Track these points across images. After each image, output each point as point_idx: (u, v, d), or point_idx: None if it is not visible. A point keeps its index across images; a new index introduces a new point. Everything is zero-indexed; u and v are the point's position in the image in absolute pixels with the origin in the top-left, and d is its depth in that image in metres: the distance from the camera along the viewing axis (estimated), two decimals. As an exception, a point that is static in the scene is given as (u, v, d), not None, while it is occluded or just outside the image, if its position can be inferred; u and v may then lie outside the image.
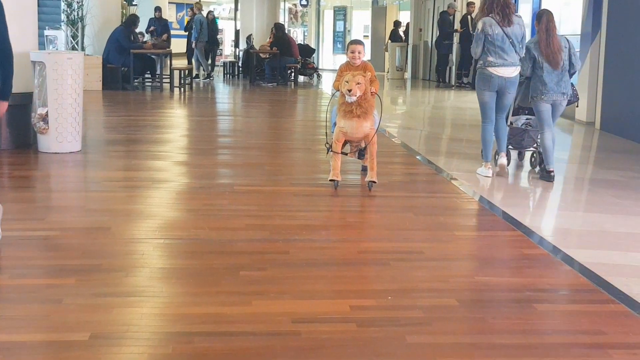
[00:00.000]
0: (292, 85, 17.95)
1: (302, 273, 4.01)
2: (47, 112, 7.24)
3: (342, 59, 27.93)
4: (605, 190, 6.54)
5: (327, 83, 20.01)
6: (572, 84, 7.04)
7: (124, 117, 10.96)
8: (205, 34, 17.55)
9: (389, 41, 22.29)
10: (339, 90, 5.89)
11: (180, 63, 17.37)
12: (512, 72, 6.75)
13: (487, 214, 5.49)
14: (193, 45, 17.43)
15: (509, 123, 7.17)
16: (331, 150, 5.96)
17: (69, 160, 7.10)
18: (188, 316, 3.33)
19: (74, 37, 14.72)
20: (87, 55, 13.97)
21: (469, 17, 16.83)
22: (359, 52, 6.17)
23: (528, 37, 7.24)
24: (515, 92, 6.91)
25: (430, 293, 3.78)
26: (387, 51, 22.63)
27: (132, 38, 14.82)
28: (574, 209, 6.15)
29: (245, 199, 5.75)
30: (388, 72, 22.27)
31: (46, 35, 14.61)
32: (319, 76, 19.90)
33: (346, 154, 6.22)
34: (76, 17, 14.74)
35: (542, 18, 6.83)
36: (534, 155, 7.33)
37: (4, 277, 3.76)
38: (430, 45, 20.41)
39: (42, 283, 3.70)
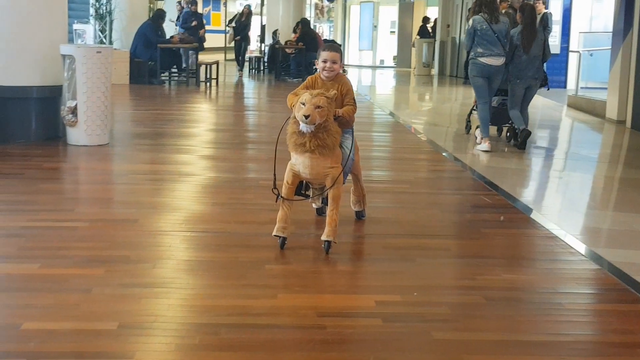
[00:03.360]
0: (318, 81, 17.90)
1: (327, 268, 4.01)
2: (76, 105, 7.30)
3: (368, 55, 28.17)
4: (635, 190, 6.47)
5: (352, 79, 19.98)
6: (544, 70, 8.38)
7: (150, 111, 11.02)
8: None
9: (418, 37, 22.21)
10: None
11: (210, 57, 17.39)
12: (498, 61, 8.00)
13: (515, 212, 5.45)
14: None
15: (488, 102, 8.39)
16: (281, 197, 4.30)
17: (97, 152, 7.16)
18: (214, 308, 3.34)
19: (102, 31, 14.84)
20: (115, 49, 14.05)
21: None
22: (333, 63, 4.36)
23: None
24: (500, 79, 8.13)
25: (457, 290, 3.76)
26: (414, 47, 22.57)
27: (159, 32, 14.90)
28: (604, 208, 6.09)
29: (270, 193, 5.74)
30: (415, 68, 22.20)
31: (75, 29, 14.73)
32: (344, 71, 19.79)
33: (307, 197, 4.68)
34: (104, 11, 14.86)
35: (526, 11, 8.14)
36: (509, 130, 8.47)
37: (35, 266, 3.80)
38: (458, 41, 20.30)
39: (71, 273, 3.73)
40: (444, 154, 7.99)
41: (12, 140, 7.28)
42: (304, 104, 4.00)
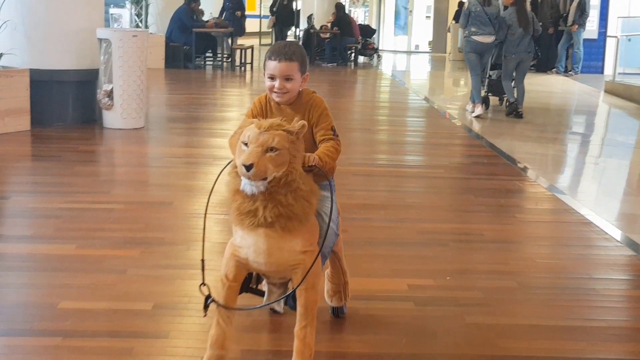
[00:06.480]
0: (352, 65, 17.89)
1: (360, 252, 4.00)
2: (112, 88, 7.38)
3: (404, 40, 27.96)
4: (672, 176, 6.37)
5: (387, 64, 19.89)
6: (535, 46, 9.64)
7: (185, 95, 11.09)
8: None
9: (453, 22, 22.00)
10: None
11: (245, 42, 17.41)
12: (488, 39, 9.29)
13: (550, 198, 5.40)
14: None
15: (487, 76, 9.81)
16: (212, 301, 2.57)
17: (133, 136, 7.23)
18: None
19: (138, 15, 14.91)
20: (151, 33, 14.13)
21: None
22: (285, 80, 2.74)
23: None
24: (490, 55, 9.52)
25: (490, 275, 3.74)
26: (449, 32, 22.37)
27: (194, 17, 14.94)
28: (640, 194, 6.01)
29: (305, 177, 5.75)
30: (450, 53, 22.03)
31: (111, 14, 14.83)
32: (379, 57, 19.76)
33: (262, 295, 2.93)
34: (141, -5, 14.92)
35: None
36: (507, 100, 9.64)
37: (71, 247, 3.86)
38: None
39: (107, 254, 3.78)
40: (478, 139, 7.93)
41: (50, 123, 7.38)
42: (246, 144, 2.37)
